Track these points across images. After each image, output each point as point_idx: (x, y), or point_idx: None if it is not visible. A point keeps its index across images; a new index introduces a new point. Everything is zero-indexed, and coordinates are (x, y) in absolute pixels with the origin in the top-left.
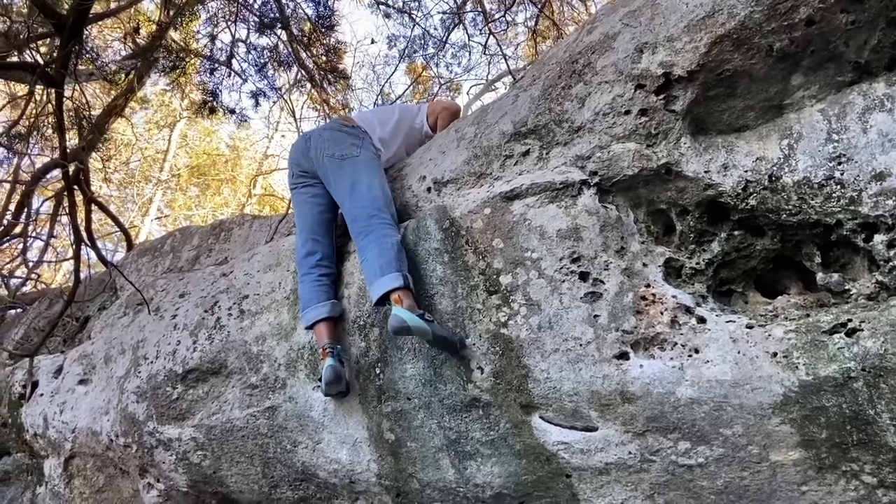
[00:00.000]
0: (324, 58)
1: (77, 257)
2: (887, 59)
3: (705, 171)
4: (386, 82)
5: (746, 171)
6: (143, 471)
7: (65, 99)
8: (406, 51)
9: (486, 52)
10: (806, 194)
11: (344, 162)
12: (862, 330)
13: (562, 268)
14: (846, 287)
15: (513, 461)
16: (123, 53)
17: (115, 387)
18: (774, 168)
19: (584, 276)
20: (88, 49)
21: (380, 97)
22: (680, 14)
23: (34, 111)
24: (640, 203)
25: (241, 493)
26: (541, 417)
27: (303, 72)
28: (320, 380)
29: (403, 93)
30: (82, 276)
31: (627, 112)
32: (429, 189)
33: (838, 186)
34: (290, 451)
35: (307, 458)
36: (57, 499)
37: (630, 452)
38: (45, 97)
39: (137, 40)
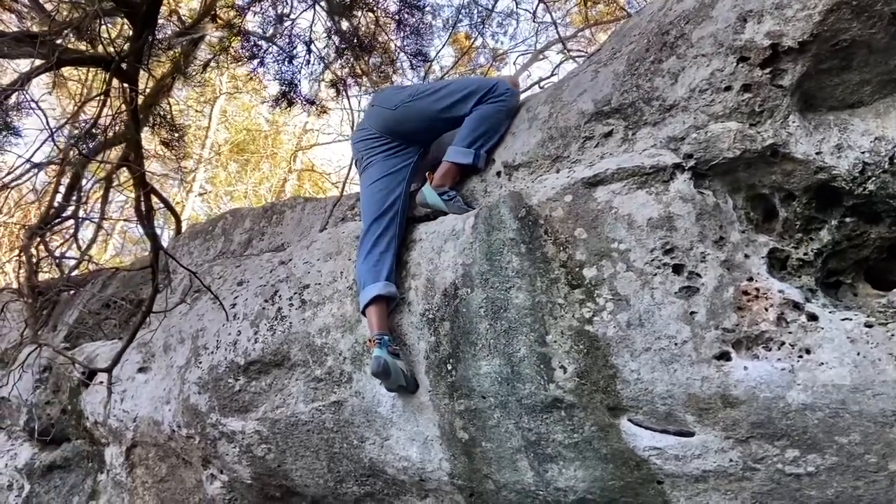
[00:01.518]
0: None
1: (155, 266)
2: None
3: (817, 153)
4: (435, 56)
5: (864, 153)
6: (207, 462)
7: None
8: (451, 20)
9: (535, 20)
10: None
11: None
12: None
13: (653, 260)
14: None
15: (598, 465)
16: (169, 32)
17: (175, 376)
18: None
19: (678, 269)
20: (160, 39)
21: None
22: None
23: (109, 111)
24: (740, 188)
25: (305, 487)
26: (630, 420)
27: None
28: None
29: (453, 65)
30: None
31: (728, 88)
32: (498, 173)
33: None
34: (357, 446)
35: (375, 454)
36: (119, 487)
37: (731, 460)
38: (118, 93)
39: (182, 17)
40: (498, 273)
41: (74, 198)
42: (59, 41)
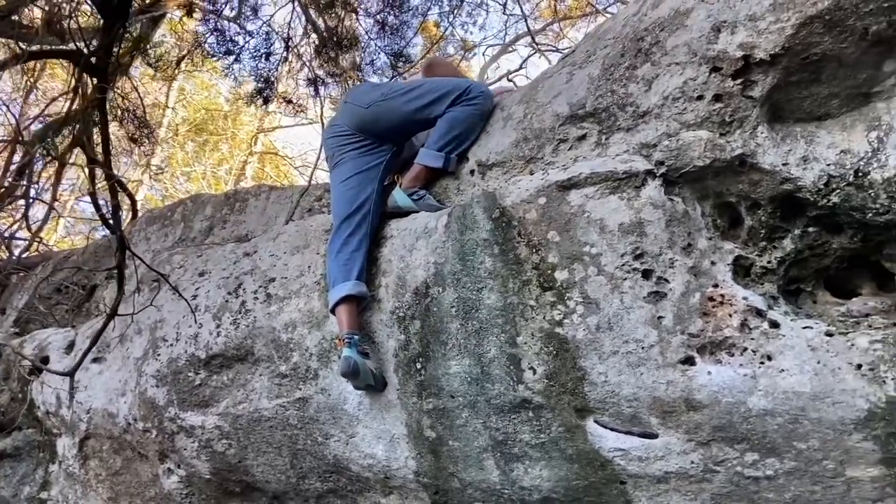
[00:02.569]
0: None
1: (121, 268)
2: None
3: (783, 164)
4: (406, 45)
5: (829, 165)
6: (164, 456)
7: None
8: (420, 8)
9: (506, 13)
10: None
11: None
12: None
13: (623, 265)
14: None
15: (563, 465)
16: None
17: (131, 368)
18: (861, 163)
19: (647, 275)
20: (131, 32)
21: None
22: None
23: (78, 106)
24: (708, 196)
25: (266, 483)
26: (596, 422)
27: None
28: None
29: (423, 55)
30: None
31: (700, 97)
32: (472, 172)
33: None
34: (322, 443)
35: (339, 451)
36: (71, 479)
37: (692, 462)
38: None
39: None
40: (470, 273)
41: (26, 178)
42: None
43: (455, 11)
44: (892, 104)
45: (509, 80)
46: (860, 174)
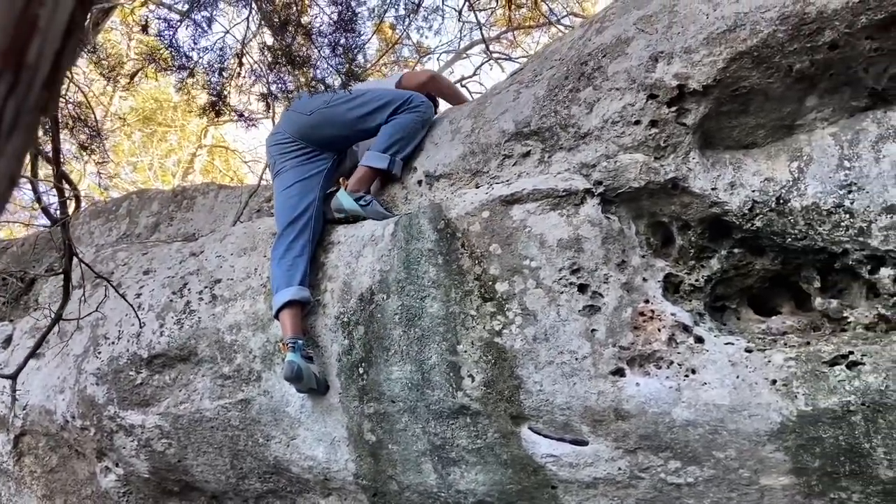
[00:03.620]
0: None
1: (68, 273)
2: None
3: (712, 189)
4: (359, 49)
5: (754, 192)
6: (101, 454)
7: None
8: (377, 10)
9: (461, 20)
10: (814, 220)
11: None
12: (864, 364)
13: (561, 279)
14: (844, 314)
15: (498, 470)
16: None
17: (71, 365)
18: (783, 191)
19: (583, 289)
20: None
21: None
22: (700, 25)
23: None
24: (642, 215)
25: (206, 483)
26: (530, 429)
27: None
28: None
29: (378, 59)
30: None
31: (637, 122)
32: (420, 182)
33: (847, 216)
34: (263, 444)
35: (280, 452)
36: (5, 476)
37: (619, 468)
38: None
39: None
40: (414, 282)
41: None
42: None
43: (410, 15)
44: (813, 137)
45: (463, 86)
46: (781, 201)
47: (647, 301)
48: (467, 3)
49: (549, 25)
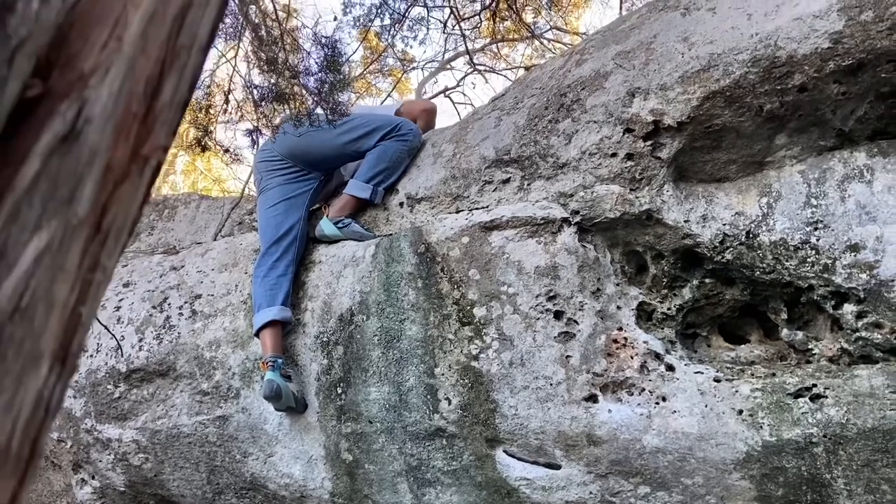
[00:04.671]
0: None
1: None
2: (870, 130)
3: (685, 221)
4: (348, 59)
5: (725, 225)
6: (77, 466)
7: None
8: (362, 19)
9: (445, 31)
10: (781, 255)
11: None
12: (826, 397)
13: (537, 305)
14: (809, 346)
15: (473, 492)
16: None
17: None
18: (752, 225)
19: (558, 315)
20: None
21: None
22: (675, 63)
23: None
24: (618, 244)
25: (182, 497)
26: (505, 452)
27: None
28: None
29: (362, 73)
30: None
31: (614, 155)
32: (401, 204)
33: (813, 252)
34: (240, 461)
35: (257, 469)
36: None
37: (591, 492)
38: None
39: None
40: (394, 304)
41: None
42: None
43: (396, 26)
44: (783, 174)
45: (446, 96)
46: (751, 235)
47: (620, 329)
48: (452, 15)
49: (532, 39)
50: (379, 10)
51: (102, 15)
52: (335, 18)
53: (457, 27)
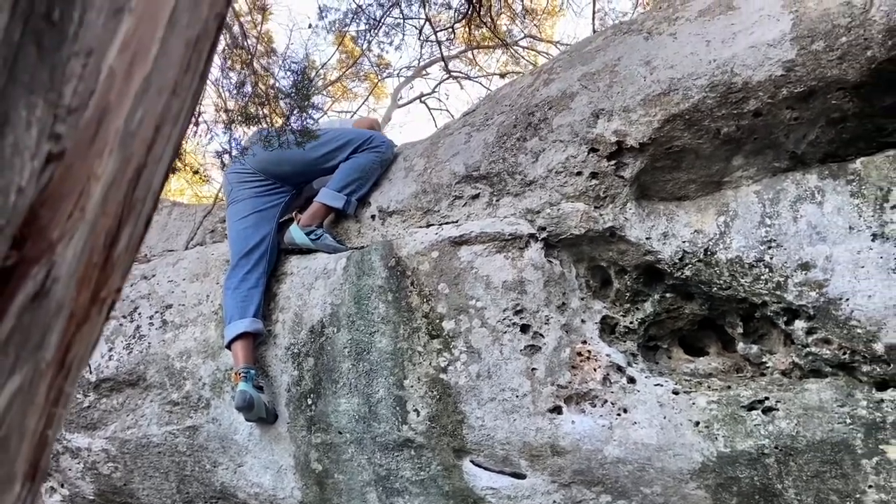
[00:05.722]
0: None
1: None
2: (821, 153)
3: (646, 238)
4: (322, 67)
5: (684, 242)
6: (47, 475)
7: None
8: (338, 23)
9: (420, 39)
10: (737, 272)
11: None
12: (777, 409)
13: (504, 319)
14: (763, 359)
15: (440, 501)
16: None
17: None
18: (710, 243)
19: (525, 329)
20: None
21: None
22: (638, 86)
23: None
24: (583, 259)
25: None
26: (472, 462)
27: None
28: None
29: (338, 78)
30: None
31: (579, 173)
32: (373, 216)
33: (767, 270)
34: (210, 470)
35: (227, 479)
36: None
37: (555, 501)
38: None
39: None
40: (364, 317)
41: None
42: None
43: (371, 31)
44: (739, 193)
45: (422, 102)
46: (709, 253)
47: (584, 342)
48: (427, 22)
49: (506, 46)
50: (355, 16)
51: (68, 191)
52: (310, 26)
53: (433, 35)
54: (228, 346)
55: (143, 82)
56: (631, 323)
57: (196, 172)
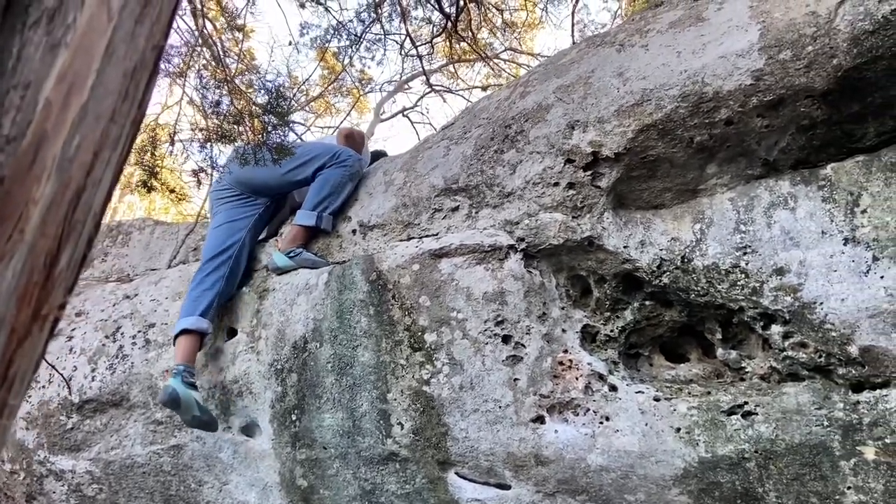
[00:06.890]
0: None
1: None
2: (793, 160)
3: (624, 247)
4: (304, 83)
5: (661, 250)
6: (31, 498)
7: None
8: (319, 40)
9: (402, 53)
10: (714, 279)
11: None
12: (757, 414)
13: (486, 330)
14: (742, 364)
15: None
16: None
17: None
18: (687, 250)
19: (506, 340)
20: None
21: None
22: (611, 98)
23: None
24: (562, 269)
25: None
26: (456, 474)
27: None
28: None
29: (321, 94)
30: None
31: (556, 184)
32: (354, 231)
33: (743, 276)
34: (195, 489)
35: (212, 497)
36: None
37: None
38: None
39: None
40: (347, 331)
41: None
42: None
43: (353, 46)
44: (714, 201)
45: (404, 116)
46: (686, 260)
47: (565, 351)
48: (408, 37)
49: (487, 60)
50: (336, 32)
51: (7, 215)
52: (291, 43)
53: (413, 50)
54: (174, 341)
55: (80, 111)
56: (611, 331)
57: (173, 191)
